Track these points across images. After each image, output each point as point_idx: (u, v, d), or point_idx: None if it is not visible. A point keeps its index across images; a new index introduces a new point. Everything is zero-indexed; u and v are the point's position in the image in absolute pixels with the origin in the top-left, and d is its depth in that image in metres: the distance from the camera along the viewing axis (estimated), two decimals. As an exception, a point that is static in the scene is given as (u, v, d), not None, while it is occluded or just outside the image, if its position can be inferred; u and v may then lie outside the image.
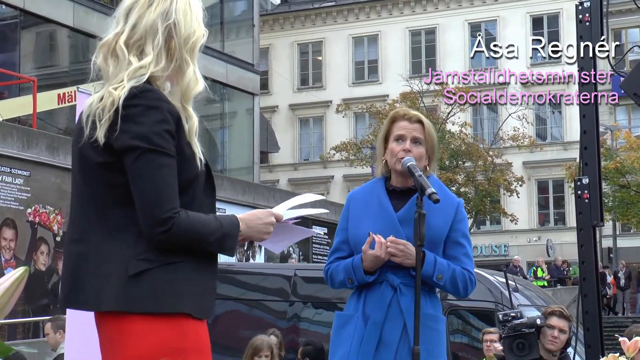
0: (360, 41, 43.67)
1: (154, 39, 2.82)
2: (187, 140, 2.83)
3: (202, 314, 2.80)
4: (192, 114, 2.89)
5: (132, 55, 2.81)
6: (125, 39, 2.83)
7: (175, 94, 2.86)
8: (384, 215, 4.10)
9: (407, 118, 4.18)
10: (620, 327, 24.24)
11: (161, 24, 2.83)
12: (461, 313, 9.99)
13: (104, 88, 2.82)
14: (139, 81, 2.77)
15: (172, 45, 2.84)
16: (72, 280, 2.80)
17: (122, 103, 2.73)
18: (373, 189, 4.21)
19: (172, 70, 2.85)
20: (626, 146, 34.26)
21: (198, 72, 2.90)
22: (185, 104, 2.87)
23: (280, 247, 3.23)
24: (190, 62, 2.87)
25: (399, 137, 4.15)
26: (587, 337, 5.36)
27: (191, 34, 2.87)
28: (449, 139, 35.51)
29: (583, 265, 5.61)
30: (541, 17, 41.07)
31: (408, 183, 4.14)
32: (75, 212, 2.87)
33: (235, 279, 10.94)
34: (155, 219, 2.71)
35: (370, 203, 4.16)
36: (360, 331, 4.03)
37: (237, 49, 30.33)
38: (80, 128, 2.83)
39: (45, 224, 16.40)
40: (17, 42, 23.35)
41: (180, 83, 2.87)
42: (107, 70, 2.84)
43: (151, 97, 2.76)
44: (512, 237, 39.86)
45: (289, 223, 3.09)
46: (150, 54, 2.81)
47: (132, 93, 2.74)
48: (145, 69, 2.80)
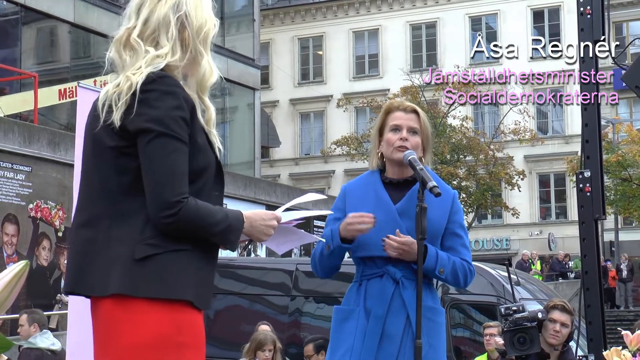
0: (361, 35, 43.63)
1: (167, 31, 2.87)
2: (200, 130, 2.85)
3: (202, 304, 2.82)
4: (209, 105, 2.93)
5: (147, 46, 2.86)
6: (138, 33, 2.87)
7: (191, 86, 2.90)
8: (382, 207, 4.09)
9: (402, 109, 4.19)
10: (622, 320, 24.26)
11: (173, 16, 2.87)
12: (463, 307, 9.99)
13: (121, 75, 2.85)
14: (156, 68, 2.81)
15: (185, 36, 2.88)
16: (80, 264, 2.81)
17: (139, 87, 2.76)
18: (369, 181, 4.20)
19: (188, 61, 2.89)
20: (628, 139, 34.22)
21: (212, 62, 2.94)
22: (202, 95, 2.91)
23: (283, 249, 3.25)
24: (204, 52, 2.91)
25: (395, 127, 4.15)
26: (590, 330, 5.36)
27: (203, 24, 2.91)
28: (450, 132, 35.48)
29: (585, 258, 5.60)
30: (542, 10, 41.02)
31: (404, 174, 4.15)
32: (84, 198, 2.89)
33: (236, 274, 10.95)
34: (164, 202, 2.73)
35: (367, 195, 4.14)
36: (363, 326, 4.01)
37: (238, 44, 30.30)
38: (95, 114, 2.85)
39: (46, 219, 16.40)
40: (18, 37, 23.34)
41: (195, 74, 2.91)
42: (122, 61, 2.87)
43: (168, 83, 2.80)
44: (513, 231, 39.86)
45: (291, 225, 3.10)
46: (166, 46, 2.85)
47: (150, 78, 2.78)
48: (162, 58, 2.84)
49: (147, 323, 2.72)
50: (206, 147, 2.87)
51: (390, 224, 4.04)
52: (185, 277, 2.77)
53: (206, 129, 2.89)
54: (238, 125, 31.49)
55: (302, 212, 3.14)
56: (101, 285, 2.75)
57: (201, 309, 2.82)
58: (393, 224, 4.05)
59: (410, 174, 4.13)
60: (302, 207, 10.06)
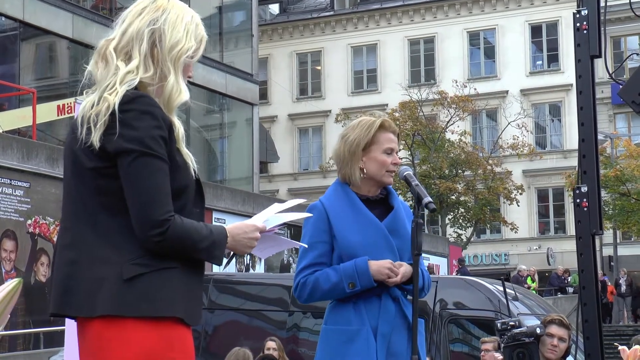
0: (359, 51, 43.73)
1: (140, 45, 2.89)
2: (176, 149, 2.87)
3: (192, 320, 2.83)
4: (176, 123, 2.92)
5: (119, 60, 2.88)
6: (115, 45, 2.92)
7: (160, 104, 2.89)
8: (372, 226, 4.07)
9: (392, 130, 4.17)
10: (621, 335, 24.21)
11: (147, 31, 2.90)
12: (461, 322, 9.98)
13: (95, 93, 2.87)
14: (131, 85, 2.83)
15: (155, 53, 2.90)
16: (64, 285, 2.81)
17: (117, 107, 2.77)
18: (345, 198, 4.11)
19: (158, 78, 2.90)
20: (626, 154, 34.28)
21: (182, 82, 2.94)
22: (169, 114, 2.89)
23: (266, 254, 3.26)
24: (172, 71, 2.91)
25: (390, 150, 4.12)
26: (587, 345, 5.35)
27: (176, 43, 2.91)
28: (448, 147, 35.52)
29: (582, 273, 5.59)
30: (540, 25, 41.12)
31: (375, 192, 4.15)
32: (67, 218, 2.89)
33: (234, 289, 10.94)
34: (152, 221, 2.73)
35: (348, 213, 4.07)
36: (373, 346, 3.96)
37: (236, 59, 30.35)
38: (73, 134, 2.87)
39: (45, 235, 16.39)
40: (16, 53, 23.38)
41: (163, 92, 2.90)
42: (96, 74, 2.91)
43: (146, 103, 2.81)
44: (512, 246, 39.85)
45: (273, 233, 3.12)
46: (137, 58, 2.87)
47: (128, 97, 2.79)
48: (134, 74, 2.86)
49: (137, 340, 2.72)
50: (185, 165, 2.89)
51: (381, 242, 4.05)
52: (175, 294, 2.78)
53: (181, 149, 2.90)
54: (236, 140, 31.50)
55: (283, 217, 3.15)
56: (88, 307, 2.75)
57: (190, 325, 2.84)
58: (384, 242, 4.05)
59: (378, 192, 4.15)
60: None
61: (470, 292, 10.03)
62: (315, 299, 4.12)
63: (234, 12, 32.57)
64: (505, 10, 41.51)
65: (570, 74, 35.08)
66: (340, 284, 3.98)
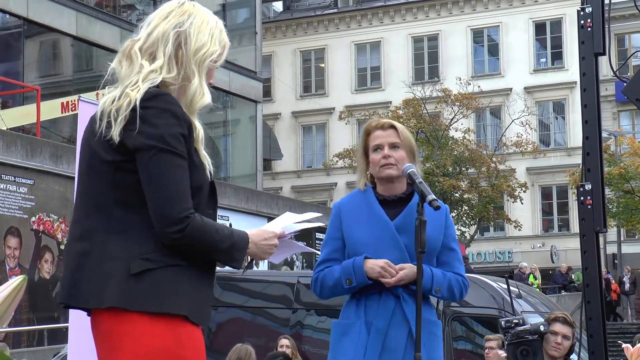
0: (363, 48, 43.70)
1: (165, 46, 2.92)
2: (194, 149, 2.89)
3: (199, 319, 2.84)
4: (198, 125, 2.95)
5: (144, 59, 2.91)
6: (140, 45, 2.95)
7: (182, 105, 2.91)
8: (379, 224, 4.12)
9: (379, 127, 4.24)
10: (625, 333, 24.18)
11: (173, 33, 2.94)
12: (464, 319, 9.98)
13: (118, 89, 2.89)
14: (153, 83, 2.86)
15: (179, 55, 2.93)
16: (74, 277, 2.82)
17: (139, 104, 2.79)
18: (363, 198, 4.22)
19: (181, 79, 2.93)
20: (630, 152, 34.23)
21: (205, 85, 2.98)
22: (191, 115, 2.92)
23: (279, 259, 3.29)
24: (197, 73, 2.94)
25: (376, 147, 4.20)
26: (591, 343, 5.34)
27: (201, 46, 2.96)
28: (452, 145, 35.49)
29: (586, 271, 5.59)
30: (544, 22, 41.06)
31: (395, 191, 4.20)
32: (80, 211, 2.91)
33: (238, 287, 10.93)
34: (171, 218, 2.75)
35: (362, 212, 4.17)
36: (364, 339, 4.01)
37: (240, 57, 30.36)
38: (93, 128, 2.89)
39: (49, 232, 16.42)
40: (20, 51, 23.41)
41: (186, 93, 2.93)
42: (119, 71, 2.94)
43: (166, 101, 2.84)
44: (516, 244, 39.80)
45: (288, 238, 3.17)
46: (161, 59, 2.91)
47: (149, 94, 2.82)
48: (157, 73, 2.89)
49: (148, 335, 2.73)
50: (202, 166, 2.91)
51: (388, 240, 4.07)
52: (181, 292, 2.78)
53: (200, 150, 2.93)
54: (240, 137, 31.52)
55: (299, 225, 3.19)
56: (96, 298, 2.77)
57: (197, 324, 2.84)
58: (391, 240, 4.08)
59: (401, 191, 4.19)
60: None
61: (473, 289, 10.00)
62: (325, 295, 4.20)
63: (237, 9, 32.59)
64: (509, 7, 41.46)
65: (574, 71, 35.03)
66: (340, 280, 4.08)
